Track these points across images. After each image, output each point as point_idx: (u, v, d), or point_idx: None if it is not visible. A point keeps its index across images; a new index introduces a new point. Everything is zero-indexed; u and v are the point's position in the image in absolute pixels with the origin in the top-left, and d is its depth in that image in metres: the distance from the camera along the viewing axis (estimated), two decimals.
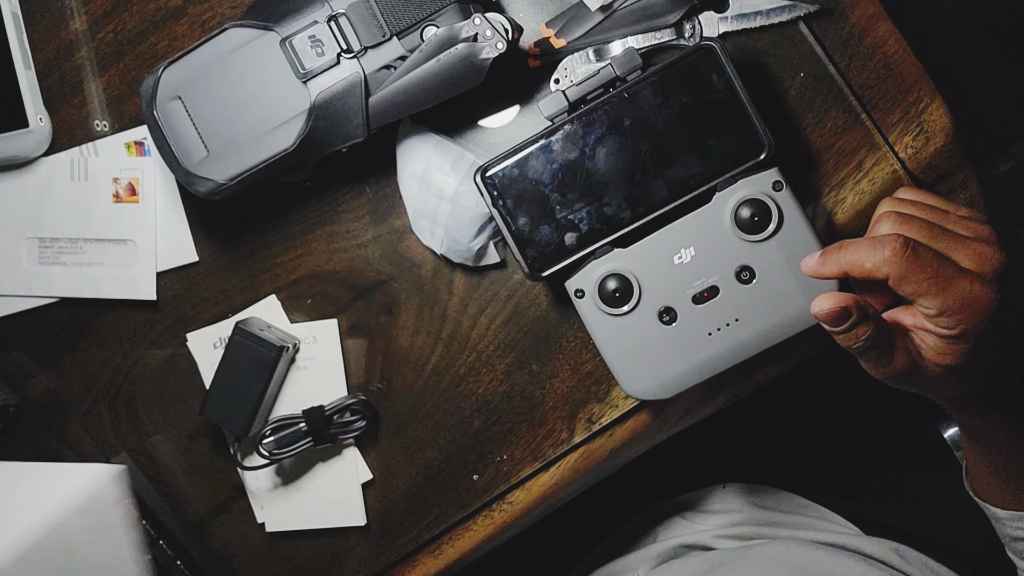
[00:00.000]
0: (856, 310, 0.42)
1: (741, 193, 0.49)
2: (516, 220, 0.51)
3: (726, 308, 0.50)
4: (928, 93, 0.57)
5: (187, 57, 0.55)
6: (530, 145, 0.51)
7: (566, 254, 0.51)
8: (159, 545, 0.69)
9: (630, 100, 0.49)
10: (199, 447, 0.68)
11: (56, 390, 0.69)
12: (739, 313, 0.50)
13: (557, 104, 0.50)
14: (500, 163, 0.51)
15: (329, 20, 0.53)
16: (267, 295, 0.65)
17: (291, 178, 0.58)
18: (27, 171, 0.65)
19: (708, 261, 0.50)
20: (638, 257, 0.51)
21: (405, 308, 0.63)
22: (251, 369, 0.62)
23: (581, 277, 0.51)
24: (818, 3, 0.56)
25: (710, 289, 0.50)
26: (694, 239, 0.50)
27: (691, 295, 0.50)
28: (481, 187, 0.51)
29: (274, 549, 0.69)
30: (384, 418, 0.65)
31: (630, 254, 0.51)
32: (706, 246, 0.50)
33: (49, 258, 0.66)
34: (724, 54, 0.48)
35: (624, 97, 0.49)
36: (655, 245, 0.50)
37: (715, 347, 0.51)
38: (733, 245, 0.50)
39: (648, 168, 0.50)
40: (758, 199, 0.48)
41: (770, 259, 0.49)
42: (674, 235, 0.50)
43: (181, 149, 0.55)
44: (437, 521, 0.66)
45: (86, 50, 0.63)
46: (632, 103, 0.49)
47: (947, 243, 0.43)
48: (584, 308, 0.52)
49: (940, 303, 0.41)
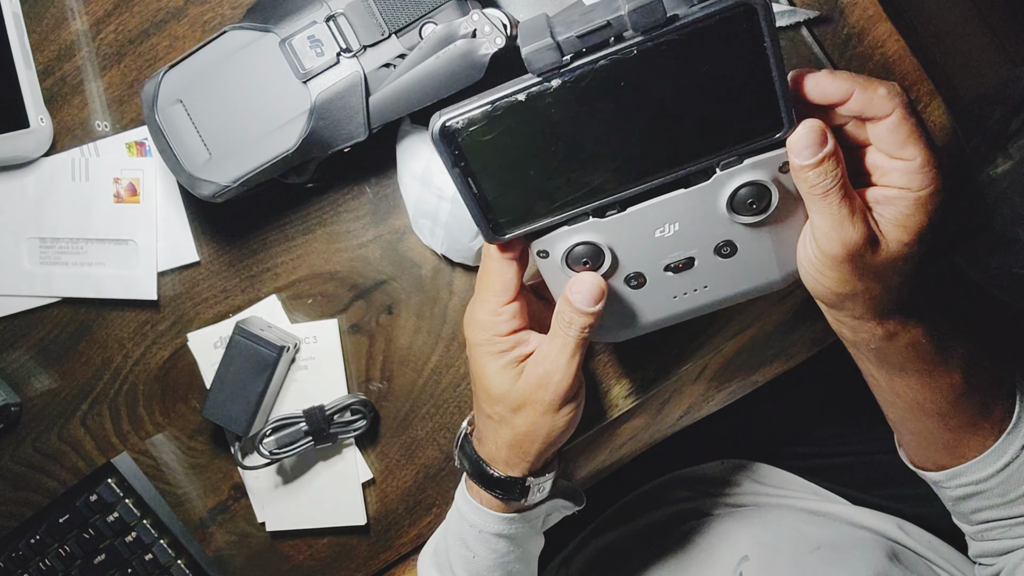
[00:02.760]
0: (831, 142, 0.40)
1: (746, 175, 0.43)
2: (480, 183, 0.43)
3: (698, 277, 0.47)
4: (927, 93, 0.57)
5: (187, 61, 0.55)
6: (505, 99, 0.41)
7: (536, 218, 0.44)
8: (159, 545, 0.69)
9: (639, 58, 0.39)
10: (200, 447, 0.68)
11: (57, 390, 0.69)
12: (709, 281, 0.47)
13: (549, 57, 0.39)
14: (464, 117, 0.41)
15: (328, 20, 0.53)
16: (268, 295, 0.65)
17: (293, 179, 0.58)
18: (28, 171, 0.65)
19: (691, 236, 0.45)
20: (616, 229, 0.45)
21: (405, 308, 0.64)
22: (251, 369, 0.62)
23: (549, 240, 0.45)
24: (818, 10, 0.56)
25: (686, 261, 0.46)
26: (681, 216, 0.45)
27: (664, 265, 0.47)
28: (439, 143, 0.42)
29: (274, 548, 0.69)
30: (384, 418, 0.65)
31: (608, 225, 0.45)
32: (692, 223, 0.45)
33: (50, 258, 0.66)
34: (769, 14, 0.39)
35: (632, 54, 0.39)
36: (638, 219, 0.45)
37: (676, 307, 0.49)
38: (722, 224, 0.45)
39: (645, 136, 0.42)
40: (763, 184, 0.43)
41: (756, 237, 0.46)
42: (661, 210, 0.44)
43: (183, 152, 0.55)
44: (437, 521, 0.67)
45: (87, 50, 0.63)
46: (641, 61, 0.39)
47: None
48: (545, 267, 0.47)
49: (925, 155, 0.40)
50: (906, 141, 0.40)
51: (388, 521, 0.67)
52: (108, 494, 0.68)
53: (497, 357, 0.48)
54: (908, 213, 0.41)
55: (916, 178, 0.41)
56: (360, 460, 0.66)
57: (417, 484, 0.66)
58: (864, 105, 0.40)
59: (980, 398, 0.50)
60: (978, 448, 0.50)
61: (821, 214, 0.41)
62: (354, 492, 0.66)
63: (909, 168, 0.41)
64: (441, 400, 0.64)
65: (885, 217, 0.42)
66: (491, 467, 0.52)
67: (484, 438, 0.52)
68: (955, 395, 0.49)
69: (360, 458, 0.66)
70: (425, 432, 0.65)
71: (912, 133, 0.40)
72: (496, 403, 0.49)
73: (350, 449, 0.66)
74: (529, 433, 0.49)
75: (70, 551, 0.69)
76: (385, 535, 0.68)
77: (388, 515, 0.67)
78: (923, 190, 0.41)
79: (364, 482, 0.66)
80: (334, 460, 0.66)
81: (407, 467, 0.66)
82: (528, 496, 0.52)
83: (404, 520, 0.67)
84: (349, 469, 0.66)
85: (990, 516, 0.52)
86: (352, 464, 0.66)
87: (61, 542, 0.69)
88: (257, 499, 0.68)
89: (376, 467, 0.66)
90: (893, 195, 0.42)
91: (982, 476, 0.50)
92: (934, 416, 0.50)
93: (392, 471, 0.66)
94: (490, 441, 0.51)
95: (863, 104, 0.40)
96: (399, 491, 0.67)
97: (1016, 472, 0.50)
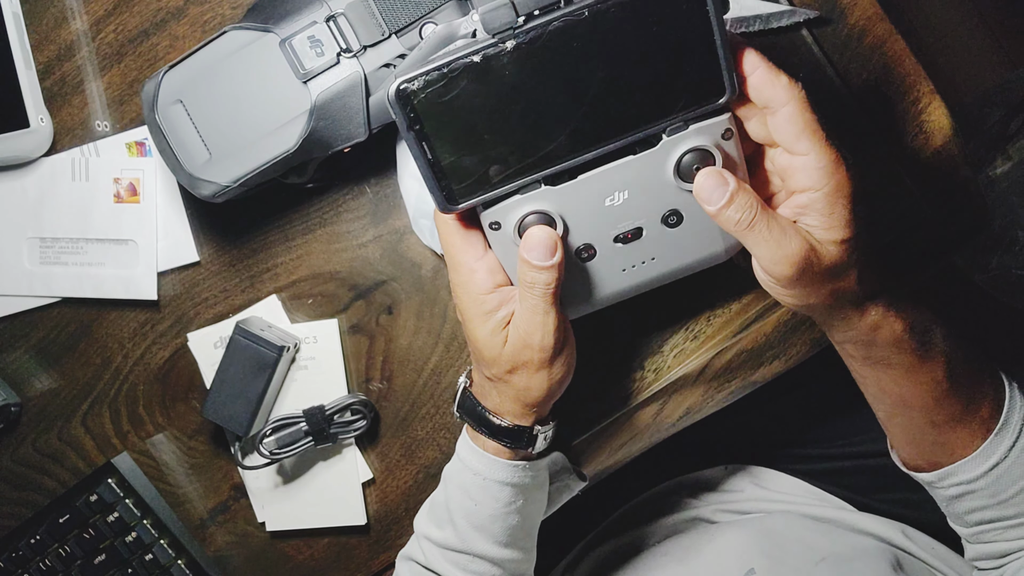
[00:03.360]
0: (734, 180, 0.43)
1: (691, 141, 0.44)
2: (434, 146, 0.43)
3: (646, 249, 0.48)
4: (927, 93, 0.57)
5: (187, 61, 0.55)
6: (462, 60, 0.41)
7: (490, 186, 0.45)
8: (159, 545, 0.69)
9: (589, 20, 0.41)
10: (200, 447, 0.68)
11: (57, 390, 0.69)
12: (657, 253, 0.48)
13: (503, 17, 0.41)
14: (421, 79, 0.42)
15: (328, 20, 0.53)
16: (268, 295, 0.65)
17: (293, 179, 0.58)
18: (28, 171, 0.65)
19: (639, 205, 0.46)
20: (567, 197, 0.46)
21: (405, 308, 0.64)
22: (252, 369, 0.62)
23: (501, 210, 0.46)
24: (818, 10, 0.56)
25: (634, 231, 0.47)
26: (630, 183, 0.46)
27: (614, 235, 0.47)
28: (395, 105, 0.42)
29: (274, 548, 0.69)
30: (384, 418, 0.65)
31: (560, 193, 0.45)
32: (641, 190, 0.46)
33: (50, 258, 0.66)
34: None
35: (583, 16, 0.41)
36: (588, 186, 0.45)
37: (626, 281, 0.50)
38: (669, 191, 0.46)
39: (595, 100, 0.43)
40: (706, 149, 0.44)
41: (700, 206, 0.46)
42: (610, 177, 0.45)
43: (184, 152, 0.55)
44: None
45: (87, 50, 0.63)
46: (591, 24, 0.41)
47: None
48: (497, 241, 0.47)
49: (820, 148, 0.42)
50: (801, 133, 0.42)
51: (388, 521, 0.67)
52: (108, 494, 0.68)
53: (484, 320, 0.49)
54: (827, 212, 0.43)
55: (817, 174, 0.42)
56: (360, 460, 0.66)
57: (417, 484, 0.66)
58: (765, 86, 0.42)
59: (966, 393, 0.50)
60: (967, 446, 0.51)
61: (757, 244, 0.43)
62: (354, 492, 0.66)
63: (808, 164, 0.42)
64: (441, 400, 0.64)
65: (811, 224, 0.43)
66: (498, 417, 0.53)
67: (486, 393, 0.53)
68: (940, 390, 0.49)
69: (360, 458, 0.66)
70: (425, 432, 0.65)
71: (808, 125, 0.42)
72: (491, 366, 0.50)
73: (350, 449, 0.66)
74: (528, 389, 0.51)
75: (70, 551, 0.69)
76: (385, 535, 0.68)
77: (388, 515, 0.67)
78: (827, 184, 0.42)
79: (364, 482, 0.66)
80: (334, 460, 0.66)
81: (407, 467, 0.66)
82: (535, 444, 0.54)
83: (404, 520, 0.67)
84: (349, 469, 0.66)
85: (984, 517, 0.52)
86: (352, 464, 0.66)
87: (61, 542, 0.69)
88: (257, 499, 0.68)
89: (376, 467, 0.66)
90: (805, 201, 0.43)
91: (972, 476, 0.51)
92: (920, 411, 0.51)
93: (392, 471, 0.66)
94: (493, 396, 0.53)
95: (764, 83, 0.42)
96: (399, 491, 0.67)
97: (1007, 472, 0.50)
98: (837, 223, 0.43)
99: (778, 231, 0.42)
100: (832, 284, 0.45)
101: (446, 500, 0.57)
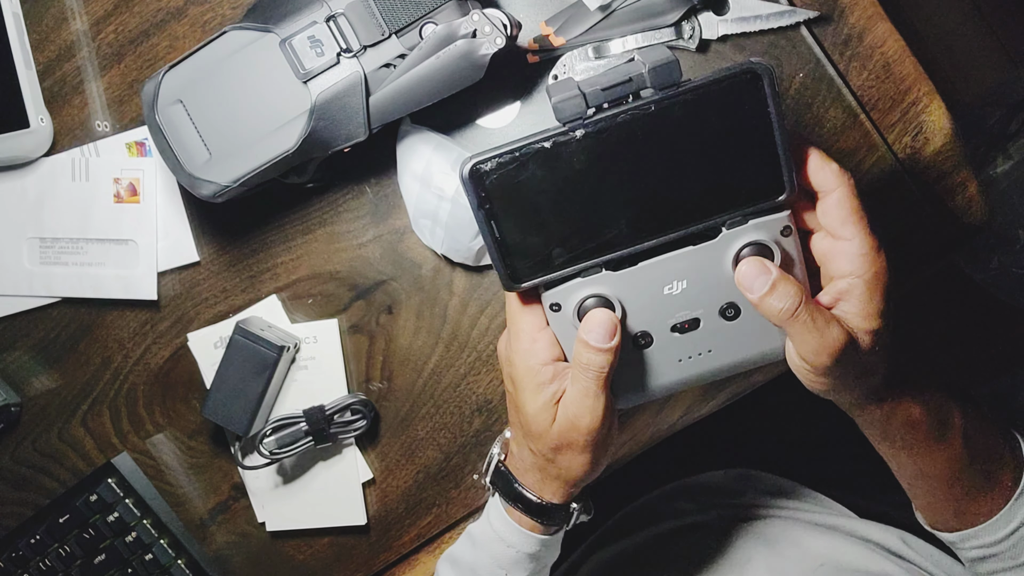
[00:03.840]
0: (776, 269, 0.43)
1: (750, 235, 0.45)
2: (502, 226, 0.45)
3: (703, 340, 0.48)
4: (927, 93, 0.57)
5: (187, 61, 0.55)
6: (533, 146, 0.43)
7: (552, 268, 0.46)
8: (159, 545, 0.69)
9: (655, 115, 0.43)
10: (200, 447, 0.68)
11: (57, 390, 0.69)
12: (714, 345, 0.49)
13: (575, 107, 0.43)
14: (494, 160, 0.44)
15: (328, 20, 0.53)
16: (268, 295, 0.65)
17: (293, 179, 0.58)
18: (28, 171, 0.65)
19: (697, 295, 0.47)
20: (628, 283, 0.47)
21: (405, 308, 0.64)
22: (252, 369, 0.62)
23: (562, 292, 0.47)
24: (818, 10, 0.56)
25: (691, 321, 0.48)
26: (690, 273, 0.47)
27: (671, 324, 0.48)
28: (468, 184, 0.44)
29: (274, 548, 0.69)
30: (384, 418, 0.65)
31: (620, 279, 0.47)
32: (700, 281, 0.47)
33: (50, 258, 0.66)
34: (772, 83, 0.42)
35: (650, 111, 0.43)
36: (648, 274, 0.47)
37: (682, 373, 0.50)
38: (727, 284, 0.47)
39: (657, 191, 0.44)
40: (765, 244, 0.45)
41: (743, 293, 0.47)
42: (671, 266, 0.46)
43: (184, 152, 0.55)
44: (437, 521, 0.67)
45: (87, 50, 0.63)
46: (656, 118, 0.43)
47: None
48: (557, 322, 0.48)
49: (864, 235, 0.43)
50: (847, 218, 0.43)
51: (388, 521, 0.67)
52: (108, 494, 0.68)
53: (537, 391, 0.49)
54: (865, 300, 0.43)
55: (859, 260, 0.43)
56: (360, 460, 0.66)
57: (417, 484, 0.66)
58: (817, 172, 0.43)
59: (983, 466, 0.51)
60: (987, 513, 0.52)
61: (798, 333, 0.43)
62: (354, 492, 0.66)
63: (851, 249, 0.43)
64: (441, 400, 0.64)
65: (848, 312, 0.44)
66: (535, 495, 0.53)
67: (526, 469, 0.53)
68: (959, 465, 0.51)
69: (360, 458, 0.66)
70: (425, 432, 0.65)
71: (855, 212, 0.43)
72: (536, 440, 0.50)
73: (350, 449, 0.66)
74: (570, 468, 0.51)
75: (70, 551, 0.69)
76: (385, 535, 0.68)
77: (388, 515, 0.67)
78: (868, 271, 0.43)
79: (364, 482, 0.66)
80: (334, 460, 0.66)
81: (407, 467, 0.66)
82: (570, 521, 0.54)
83: (404, 520, 0.67)
84: (349, 469, 0.66)
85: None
86: (352, 464, 0.66)
87: (61, 542, 0.69)
88: (257, 499, 0.68)
89: (376, 467, 0.66)
90: (845, 287, 0.44)
91: (993, 539, 0.52)
92: (941, 483, 0.52)
93: (392, 471, 0.66)
94: (533, 473, 0.53)
95: (816, 169, 0.43)
96: (399, 491, 0.67)
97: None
98: (872, 312, 0.43)
99: (821, 321, 0.43)
100: (860, 374, 0.45)
101: (474, 564, 0.57)
